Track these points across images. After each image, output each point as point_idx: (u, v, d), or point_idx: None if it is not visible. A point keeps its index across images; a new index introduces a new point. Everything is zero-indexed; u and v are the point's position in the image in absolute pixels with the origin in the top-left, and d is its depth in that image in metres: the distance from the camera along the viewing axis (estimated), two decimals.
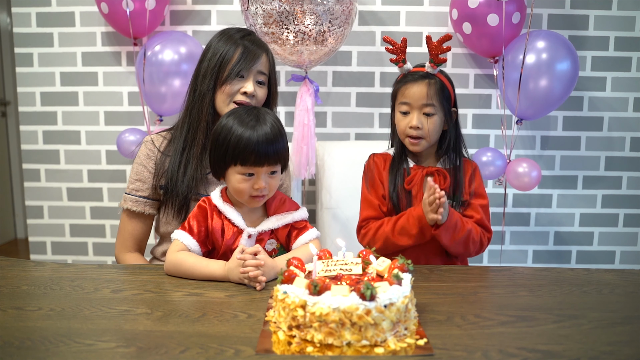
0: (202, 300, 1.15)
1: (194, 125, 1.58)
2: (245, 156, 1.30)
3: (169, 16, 2.51)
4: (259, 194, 1.34)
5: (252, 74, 1.56)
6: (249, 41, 1.58)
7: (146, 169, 1.61)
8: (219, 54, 1.56)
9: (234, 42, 1.56)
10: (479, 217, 1.55)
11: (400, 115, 1.55)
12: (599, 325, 1.01)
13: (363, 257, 1.12)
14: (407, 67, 1.56)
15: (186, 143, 1.58)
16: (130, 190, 1.61)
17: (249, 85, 1.55)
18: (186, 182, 1.55)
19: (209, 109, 1.57)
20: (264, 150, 1.30)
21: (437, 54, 1.50)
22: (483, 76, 2.54)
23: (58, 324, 1.01)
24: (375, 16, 2.51)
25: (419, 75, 1.53)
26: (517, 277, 1.32)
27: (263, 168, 1.32)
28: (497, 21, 2.18)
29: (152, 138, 1.65)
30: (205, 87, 1.56)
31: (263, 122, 1.33)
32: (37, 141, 2.62)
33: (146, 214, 1.61)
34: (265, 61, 1.59)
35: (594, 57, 2.53)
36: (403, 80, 1.55)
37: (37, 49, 2.55)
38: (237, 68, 1.54)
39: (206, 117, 1.57)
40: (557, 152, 2.60)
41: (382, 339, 0.92)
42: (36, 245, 2.70)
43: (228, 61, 1.55)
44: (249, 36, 1.60)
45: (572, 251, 2.67)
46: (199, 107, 1.57)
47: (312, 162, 2.17)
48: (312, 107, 2.14)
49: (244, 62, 1.54)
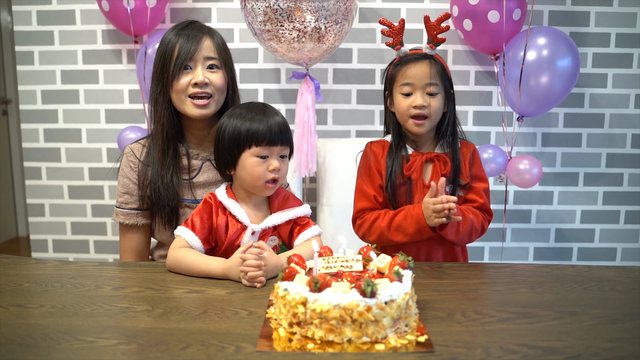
0: (203, 297, 1.15)
1: (155, 131, 1.55)
2: (260, 137, 1.32)
3: (169, 14, 2.51)
4: (274, 177, 1.35)
5: (198, 62, 1.48)
6: (189, 29, 1.50)
7: (131, 181, 1.56)
8: (161, 54, 1.50)
9: (174, 35, 1.50)
10: (482, 202, 1.55)
11: (401, 97, 1.51)
12: (600, 322, 1.01)
13: (364, 254, 1.12)
14: (404, 50, 1.53)
15: (158, 152, 1.53)
16: (120, 203, 1.57)
17: (198, 74, 1.47)
18: (169, 191, 1.51)
19: (165, 111, 1.51)
20: (277, 132, 1.34)
21: (436, 33, 1.48)
22: (484, 73, 2.54)
23: (59, 321, 1.01)
24: (375, 13, 2.50)
25: (419, 55, 1.51)
26: (517, 274, 1.32)
27: (276, 148, 1.35)
28: (497, 18, 2.18)
29: (131, 148, 1.59)
30: (156, 90, 1.51)
31: (271, 113, 1.37)
32: (38, 139, 2.62)
33: (139, 225, 1.57)
34: (209, 45, 1.50)
35: (595, 54, 2.52)
36: (402, 62, 1.52)
37: (37, 47, 2.55)
38: (179, 60, 1.46)
39: (162, 120, 1.52)
40: (558, 149, 2.60)
41: (382, 335, 0.92)
42: (37, 243, 2.71)
43: (170, 57, 1.48)
44: (189, 25, 1.52)
45: (573, 248, 2.67)
46: (156, 113, 1.53)
47: (313, 159, 2.17)
48: (312, 104, 2.14)
49: (184, 51, 1.46)
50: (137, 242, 1.59)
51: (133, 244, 1.59)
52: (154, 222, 1.58)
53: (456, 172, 1.54)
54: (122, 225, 1.58)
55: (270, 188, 1.37)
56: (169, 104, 1.52)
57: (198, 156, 1.58)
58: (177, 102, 1.51)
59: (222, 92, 1.54)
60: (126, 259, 1.60)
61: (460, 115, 1.61)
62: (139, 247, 1.60)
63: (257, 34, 2.08)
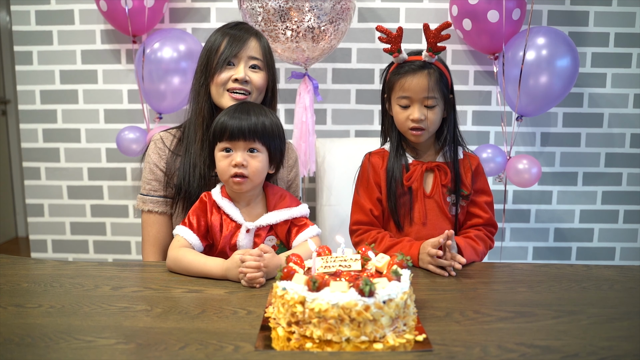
0: (202, 297, 1.15)
1: (195, 122, 1.57)
2: (223, 131, 1.34)
3: (168, 14, 2.51)
4: (238, 172, 1.33)
5: (242, 60, 1.53)
6: (237, 29, 1.56)
7: (159, 168, 1.58)
8: (207, 48, 1.56)
9: (222, 33, 1.55)
10: (487, 217, 1.54)
11: (399, 109, 1.50)
12: (598, 321, 1.01)
13: (362, 253, 1.12)
14: (403, 57, 1.49)
15: (193, 142, 1.56)
16: (148, 191, 1.58)
17: (240, 70, 1.52)
18: (196, 182, 1.53)
19: (205, 103, 1.56)
20: (238, 126, 1.33)
21: (436, 42, 1.44)
22: (483, 73, 2.54)
23: (58, 321, 1.01)
24: (374, 13, 2.51)
25: (417, 65, 1.46)
26: (516, 273, 1.32)
27: (239, 142, 1.34)
28: (497, 17, 2.18)
29: (161, 136, 1.62)
30: (199, 82, 1.56)
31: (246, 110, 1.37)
32: (37, 139, 2.62)
33: (168, 214, 1.58)
34: (255, 45, 1.56)
35: (594, 54, 2.52)
36: (399, 71, 1.49)
37: (36, 47, 2.55)
38: (224, 55, 1.52)
39: (202, 112, 1.56)
40: (557, 148, 2.60)
41: (381, 334, 0.92)
42: (37, 243, 2.71)
43: (216, 51, 1.53)
44: (238, 25, 1.58)
45: (572, 248, 2.67)
46: (196, 104, 1.57)
47: (312, 159, 2.17)
48: (310, 104, 2.14)
49: (229, 48, 1.52)
50: (165, 233, 1.59)
51: (161, 235, 1.58)
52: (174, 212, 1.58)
53: (457, 181, 1.52)
54: (150, 214, 1.58)
55: (237, 183, 1.35)
56: (209, 97, 1.56)
57: None
58: (215, 95, 1.55)
59: (260, 92, 1.58)
60: (152, 251, 1.58)
61: (459, 115, 1.62)
62: (166, 239, 1.58)
63: None
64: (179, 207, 1.55)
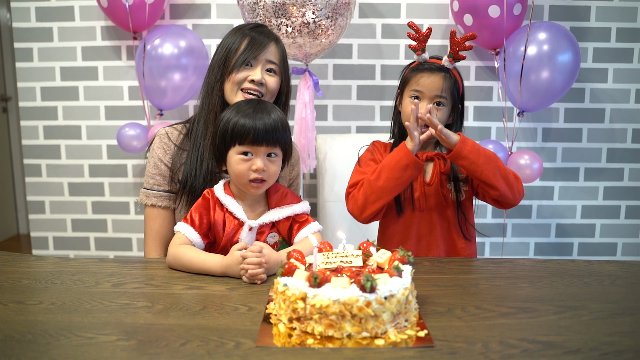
0: (203, 293, 1.15)
1: (206, 117, 1.57)
2: (244, 135, 1.31)
3: (168, 10, 2.51)
4: (258, 177, 1.33)
5: (260, 63, 1.55)
6: (258, 32, 1.57)
7: (163, 163, 1.59)
8: (227, 46, 1.56)
9: (242, 33, 1.56)
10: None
11: (409, 100, 1.53)
12: (600, 316, 1.01)
13: (363, 249, 1.12)
14: (425, 57, 1.54)
15: (202, 137, 1.57)
16: (152, 185, 1.59)
17: (257, 73, 1.54)
18: (202, 177, 1.53)
19: (218, 99, 1.56)
20: (262, 131, 1.31)
21: (458, 50, 1.50)
22: (484, 68, 2.53)
23: (59, 317, 1.01)
24: (375, 8, 2.50)
25: (436, 66, 1.52)
26: (517, 269, 1.32)
27: (261, 148, 1.33)
28: (498, 13, 2.17)
29: (167, 131, 1.62)
30: (214, 78, 1.56)
31: (262, 110, 1.35)
32: (37, 136, 2.62)
33: (171, 208, 1.59)
34: (274, 50, 1.58)
35: (596, 49, 2.52)
36: (418, 68, 1.54)
37: (36, 43, 2.55)
38: (244, 56, 1.53)
39: (215, 108, 1.56)
40: (558, 144, 2.60)
41: (382, 330, 0.92)
42: (38, 240, 2.71)
43: (235, 50, 1.54)
44: (259, 27, 1.60)
45: (573, 243, 2.67)
46: (209, 99, 1.57)
47: (312, 156, 2.16)
48: (310, 100, 2.13)
49: (250, 50, 1.54)
50: (168, 227, 1.60)
51: (164, 229, 1.59)
52: (177, 208, 1.59)
53: (454, 168, 1.55)
54: (153, 208, 1.59)
55: (256, 187, 1.35)
56: (222, 94, 1.57)
57: None
58: (228, 92, 1.56)
59: (272, 95, 1.60)
60: (154, 246, 1.59)
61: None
62: (169, 233, 1.59)
63: None
64: (183, 201, 1.56)
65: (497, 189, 1.44)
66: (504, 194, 1.45)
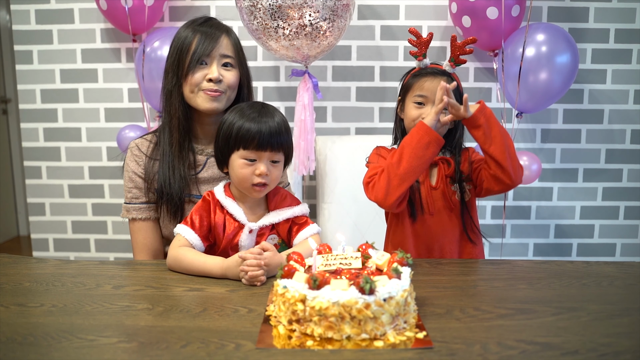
0: (203, 295, 1.16)
1: (169, 124, 1.55)
2: (249, 140, 1.31)
3: (167, 12, 2.51)
4: (261, 182, 1.34)
5: (214, 59, 1.51)
6: (207, 27, 1.52)
7: (137, 176, 1.56)
8: (177, 47, 1.52)
9: (192, 30, 1.51)
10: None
11: (413, 106, 1.53)
12: (598, 318, 1.02)
13: (362, 251, 1.12)
14: (425, 63, 1.55)
15: (169, 145, 1.55)
16: (130, 199, 1.57)
17: (213, 70, 1.50)
18: (177, 184, 1.51)
19: (179, 104, 1.53)
20: (267, 136, 1.32)
21: (459, 54, 1.51)
22: (483, 69, 2.54)
23: (60, 320, 1.02)
24: (374, 10, 2.50)
25: (437, 71, 1.53)
26: (516, 270, 1.33)
27: (265, 153, 1.33)
28: (496, 14, 2.18)
29: (136, 143, 1.60)
30: (171, 83, 1.53)
31: (266, 114, 1.35)
32: (37, 138, 2.63)
33: (152, 218, 1.57)
34: (227, 43, 1.53)
35: (594, 50, 2.52)
36: (421, 73, 1.54)
37: (36, 46, 2.55)
38: (197, 55, 1.48)
39: (177, 113, 1.53)
40: (557, 145, 2.60)
41: (381, 332, 0.92)
42: (38, 242, 2.71)
43: (187, 51, 1.50)
44: (208, 22, 1.55)
45: (572, 244, 2.67)
46: (170, 106, 1.55)
47: (311, 158, 2.17)
48: (309, 102, 2.14)
49: (202, 47, 1.48)
50: (152, 238, 1.58)
51: (148, 240, 1.57)
52: (160, 216, 1.58)
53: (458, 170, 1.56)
54: (135, 221, 1.57)
55: (258, 191, 1.36)
56: (182, 98, 1.54)
57: (203, 152, 1.60)
58: (189, 95, 1.53)
59: (233, 89, 1.56)
60: (142, 258, 1.57)
61: None
62: (155, 244, 1.58)
63: (250, 32, 2.08)
64: (163, 211, 1.55)
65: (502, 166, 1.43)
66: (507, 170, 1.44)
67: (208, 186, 1.56)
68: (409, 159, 1.42)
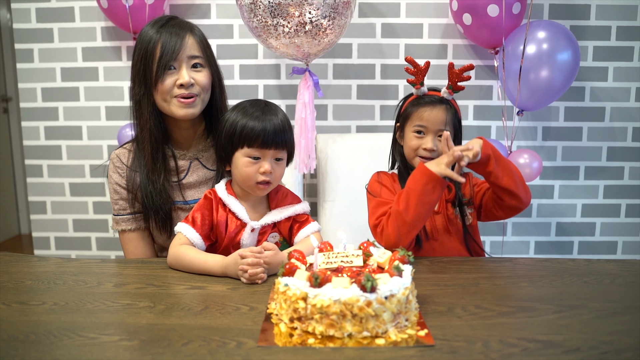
0: (204, 293, 1.16)
1: (141, 136, 1.51)
2: (253, 138, 1.31)
3: (168, 10, 2.51)
4: (265, 180, 1.34)
5: (182, 62, 1.44)
6: (169, 27, 1.45)
7: (121, 187, 1.55)
8: (141, 55, 1.45)
9: (154, 34, 1.44)
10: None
11: (413, 135, 1.53)
12: (599, 315, 1.02)
13: (364, 249, 1.12)
14: (424, 90, 1.55)
15: (143, 157, 1.51)
16: (118, 211, 1.56)
17: (183, 75, 1.44)
18: (158, 195, 1.49)
19: (150, 114, 1.48)
20: (271, 134, 1.32)
21: (457, 81, 1.51)
22: (484, 67, 2.53)
23: (62, 318, 1.02)
24: (374, 8, 2.50)
25: (436, 99, 1.52)
26: (517, 268, 1.33)
27: (270, 151, 1.34)
28: (497, 12, 2.17)
29: (117, 154, 1.58)
30: (139, 93, 1.47)
31: (270, 112, 1.35)
32: (38, 137, 2.63)
33: (142, 228, 1.55)
34: (192, 42, 1.47)
35: (596, 47, 2.51)
36: (418, 102, 1.54)
37: (37, 44, 2.55)
38: (163, 61, 1.42)
39: (147, 124, 1.48)
40: (558, 142, 2.60)
41: (383, 330, 0.93)
42: (40, 240, 2.72)
43: (152, 57, 1.43)
44: (169, 22, 1.47)
45: (574, 242, 2.67)
46: (140, 117, 1.50)
47: (312, 156, 2.16)
48: (309, 101, 2.13)
49: (167, 51, 1.41)
50: (144, 248, 1.56)
51: (139, 250, 1.55)
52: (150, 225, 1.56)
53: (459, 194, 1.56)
54: (125, 232, 1.55)
55: (262, 189, 1.37)
56: (153, 107, 1.48)
57: (185, 156, 1.57)
58: (161, 104, 1.47)
59: (207, 90, 1.51)
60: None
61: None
62: (147, 252, 1.57)
63: (250, 30, 2.08)
64: (152, 222, 1.53)
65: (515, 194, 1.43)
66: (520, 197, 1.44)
67: (194, 191, 1.55)
68: (416, 206, 1.40)
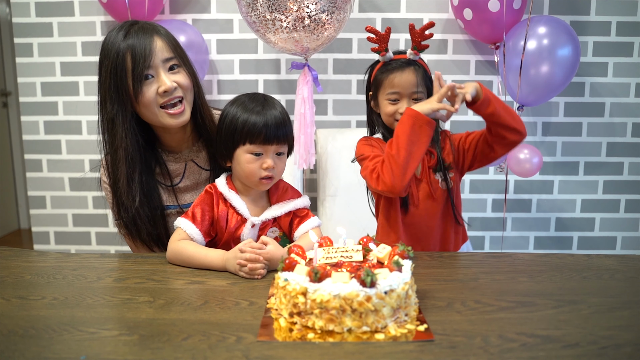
0: (204, 288, 1.16)
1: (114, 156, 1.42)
2: (255, 135, 1.31)
3: (168, 4, 2.50)
4: (268, 175, 1.34)
5: (159, 67, 1.36)
6: (133, 34, 1.36)
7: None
8: (110, 71, 1.35)
9: (120, 42, 1.35)
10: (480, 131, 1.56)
11: (387, 103, 1.53)
12: (599, 311, 1.02)
13: (363, 244, 1.12)
14: (389, 56, 1.55)
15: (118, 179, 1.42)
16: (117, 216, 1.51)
17: (163, 81, 1.36)
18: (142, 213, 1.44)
19: (125, 133, 1.38)
20: (273, 129, 1.32)
21: (420, 40, 1.50)
22: (484, 62, 2.53)
23: (61, 312, 1.02)
24: (374, 3, 2.49)
25: (403, 62, 1.52)
26: (517, 263, 1.33)
27: (272, 147, 1.34)
28: (498, 7, 2.17)
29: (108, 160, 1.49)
30: (111, 112, 1.37)
31: (269, 106, 1.35)
32: (38, 131, 2.63)
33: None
34: (162, 44, 1.38)
35: (596, 43, 2.51)
36: (387, 68, 1.53)
37: (36, 39, 2.54)
38: (138, 72, 1.33)
39: (123, 143, 1.38)
40: (558, 138, 2.60)
41: (382, 325, 0.93)
42: (39, 235, 2.72)
43: (124, 72, 1.33)
44: (131, 28, 1.38)
45: (573, 237, 2.68)
46: (112, 137, 1.40)
47: (312, 152, 2.16)
48: (309, 96, 2.13)
49: (140, 61, 1.32)
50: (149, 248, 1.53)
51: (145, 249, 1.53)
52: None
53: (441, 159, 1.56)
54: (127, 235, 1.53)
55: (265, 184, 1.37)
56: (130, 123, 1.38)
57: (180, 159, 1.55)
58: (148, 116, 1.40)
59: (190, 90, 1.44)
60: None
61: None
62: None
63: (249, 25, 2.07)
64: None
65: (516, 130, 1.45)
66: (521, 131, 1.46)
67: (190, 194, 1.54)
68: (406, 145, 1.40)
